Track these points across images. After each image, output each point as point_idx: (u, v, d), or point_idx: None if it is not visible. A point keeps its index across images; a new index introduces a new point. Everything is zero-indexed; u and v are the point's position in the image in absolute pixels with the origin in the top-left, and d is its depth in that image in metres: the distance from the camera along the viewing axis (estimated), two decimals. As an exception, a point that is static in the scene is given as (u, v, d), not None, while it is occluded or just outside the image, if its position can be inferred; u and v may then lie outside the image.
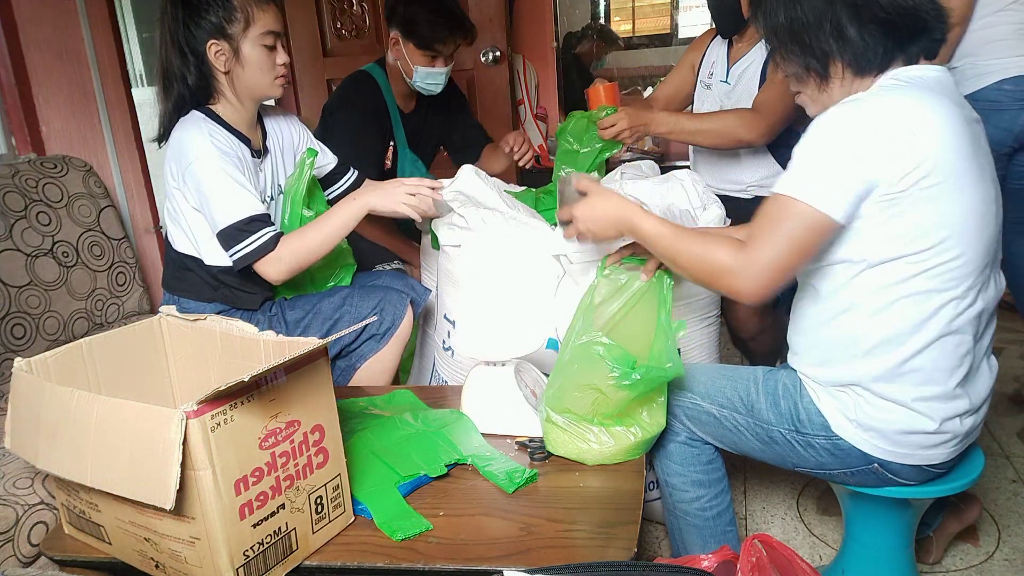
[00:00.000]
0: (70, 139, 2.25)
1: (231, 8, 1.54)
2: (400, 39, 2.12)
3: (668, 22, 8.10)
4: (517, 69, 3.84)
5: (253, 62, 1.58)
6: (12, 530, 1.29)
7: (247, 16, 1.55)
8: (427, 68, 2.13)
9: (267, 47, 1.59)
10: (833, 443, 1.25)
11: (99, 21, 2.27)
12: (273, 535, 1.04)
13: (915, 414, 1.19)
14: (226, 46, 1.56)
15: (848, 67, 1.20)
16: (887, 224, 1.13)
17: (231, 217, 1.53)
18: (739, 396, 1.33)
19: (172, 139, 1.58)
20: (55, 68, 2.19)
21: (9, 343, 1.82)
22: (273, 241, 1.55)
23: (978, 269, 1.17)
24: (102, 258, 2.09)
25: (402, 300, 1.76)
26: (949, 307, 1.16)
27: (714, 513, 1.41)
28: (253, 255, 1.54)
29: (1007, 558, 1.66)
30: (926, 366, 1.18)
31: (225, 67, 1.58)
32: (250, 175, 1.62)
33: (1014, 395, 2.32)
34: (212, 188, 1.53)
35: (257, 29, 1.57)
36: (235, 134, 1.62)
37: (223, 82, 1.60)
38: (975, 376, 1.23)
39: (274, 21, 1.60)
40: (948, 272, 1.14)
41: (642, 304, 1.34)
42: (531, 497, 1.20)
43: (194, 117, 1.58)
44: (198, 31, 1.54)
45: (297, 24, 3.39)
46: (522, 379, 1.44)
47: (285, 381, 1.02)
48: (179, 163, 1.56)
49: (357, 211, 1.61)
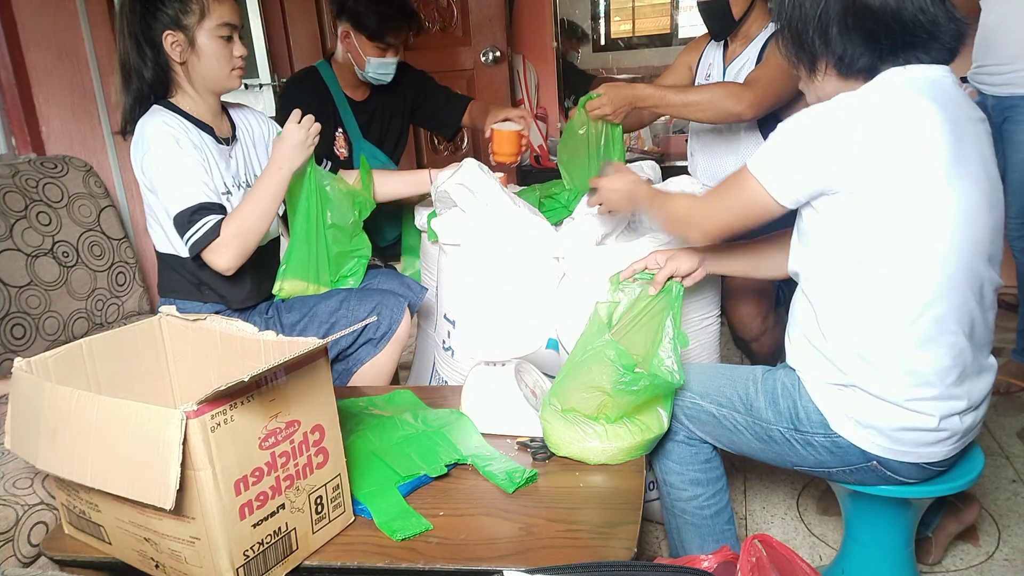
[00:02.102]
0: (70, 139, 2.25)
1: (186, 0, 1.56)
2: (351, 31, 2.16)
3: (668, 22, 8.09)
4: (517, 69, 3.84)
5: (209, 53, 1.60)
6: (12, 530, 1.29)
7: (202, 7, 1.57)
8: (379, 59, 2.17)
9: (223, 38, 1.60)
10: (832, 441, 1.26)
11: (99, 21, 2.27)
12: (273, 535, 1.04)
13: (913, 412, 1.20)
14: (182, 37, 1.57)
15: (832, 68, 1.22)
16: (859, 224, 1.15)
17: (180, 204, 1.54)
18: (738, 395, 1.33)
19: (135, 134, 1.60)
20: (55, 68, 2.19)
21: (9, 343, 1.82)
22: (217, 227, 1.55)
23: (967, 267, 1.17)
24: (102, 258, 2.09)
25: (399, 304, 1.76)
26: (937, 307, 1.16)
27: (712, 512, 1.41)
28: (201, 242, 1.55)
29: (1007, 558, 1.66)
30: (923, 368, 1.18)
31: (181, 58, 1.59)
32: (214, 162, 1.63)
33: (1005, 390, 2.31)
34: (164, 175, 1.55)
35: (213, 20, 1.58)
36: (196, 123, 1.63)
37: (180, 73, 1.62)
38: (973, 374, 1.24)
39: (230, 13, 1.61)
40: (934, 272, 1.15)
41: (651, 314, 1.41)
42: (531, 497, 1.20)
43: (153, 110, 1.60)
44: (155, 23, 1.56)
45: (297, 24, 3.40)
46: (522, 379, 1.44)
47: (285, 381, 1.02)
48: (137, 154, 1.59)
49: (283, 180, 1.62)
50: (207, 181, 1.58)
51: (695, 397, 1.37)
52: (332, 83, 2.28)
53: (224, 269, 1.59)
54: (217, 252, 1.56)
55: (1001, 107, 2.14)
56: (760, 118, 1.98)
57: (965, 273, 1.17)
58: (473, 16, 3.39)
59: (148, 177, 1.58)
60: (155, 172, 1.56)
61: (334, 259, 1.82)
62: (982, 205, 1.18)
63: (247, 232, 1.58)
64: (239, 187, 1.71)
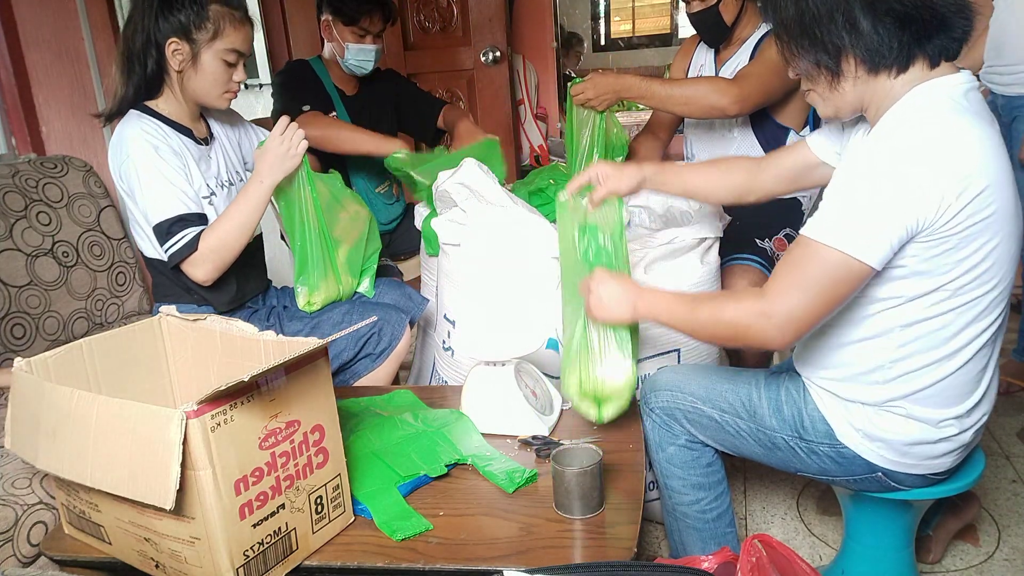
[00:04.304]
0: (70, 139, 2.25)
1: (204, 16, 1.54)
2: (331, 20, 2.29)
3: (668, 22, 8.10)
4: (517, 69, 3.84)
5: (208, 72, 1.59)
6: (12, 530, 1.29)
7: (217, 28, 1.56)
8: (357, 45, 2.28)
9: (227, 63, 1.59)
10: (837, 451, 1.24)
11: (99, 21, 2.27)
12: (273, 535, 1.04)
13: (924, 427, 1.18)
14: (186, 48, 1.56)
15: (862, 63, 1.11)
16: (930, 262, 1.08)
17: (159, 215, 1.54)
18: (740, 401, 1.32)
19: (114, 140, 1.59)
20: (55, 68, 2.19)
21: (9, 343, 1.82)
22: (195, 241, 1.55)
23: (1009, 290, 1.14)
24: (102, 258, 2.09)
25: (401, 321, 1.77)
26: (983, 334, 1.14)
27: (714, 515, 1.40)
28: (180, 254, 1.54)
29: (1007, 558, 1.66)
30: (947, 391, 1.16)
31: (179, 67, 1.58)
32: (194, 165, 1.63)
33: (1005, 390, 2.32)
34: (143, 185, 1.54)
35: (223, 44, 1.57)
36: (174, 127, 1.62)
37: (173, 79, 1.60)
38: (989, 388, 1.22)
39: (243, 41, 1.60)
40: (985, 301, 1.12)
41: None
42: (531, 497, 1.20)
43: (130, 116, 1.59)
44: (164, 25, 1.54)
45: (297, 24, 3.39)
46: (522, 379, 1.43)
47: (285, 381, 1.02)
48: (115, 161, 1.58)
49: (264, 193, 1.60)
50: (186, 190, 1.57)
51: (697, 401, 1.35)
52: (324, 76, 2.37)
53: (202, 281, 1.59)
54: (195, 265, 1.56)
55: (1010, 106, 2.15)
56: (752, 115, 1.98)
57: (1007, 296, 1.15)
58: (473, 16, 3.39)
59: (127, 184, 1.57)
60: (134, 180, 1.54)
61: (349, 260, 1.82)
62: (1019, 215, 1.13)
63: (224, 248, 1.57)
64: (222, 187, 1.70)
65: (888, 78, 1.11)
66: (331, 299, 1.79)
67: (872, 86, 1.13)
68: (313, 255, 1.73)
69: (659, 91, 1.93)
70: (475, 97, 3.42)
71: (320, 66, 2.38)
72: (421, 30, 3.44)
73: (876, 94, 1.13)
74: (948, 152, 1.04)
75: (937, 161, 1.04)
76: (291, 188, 1.68)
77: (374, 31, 2.29)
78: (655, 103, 1.97)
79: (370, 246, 1.87)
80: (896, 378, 1.17)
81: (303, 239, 1.72)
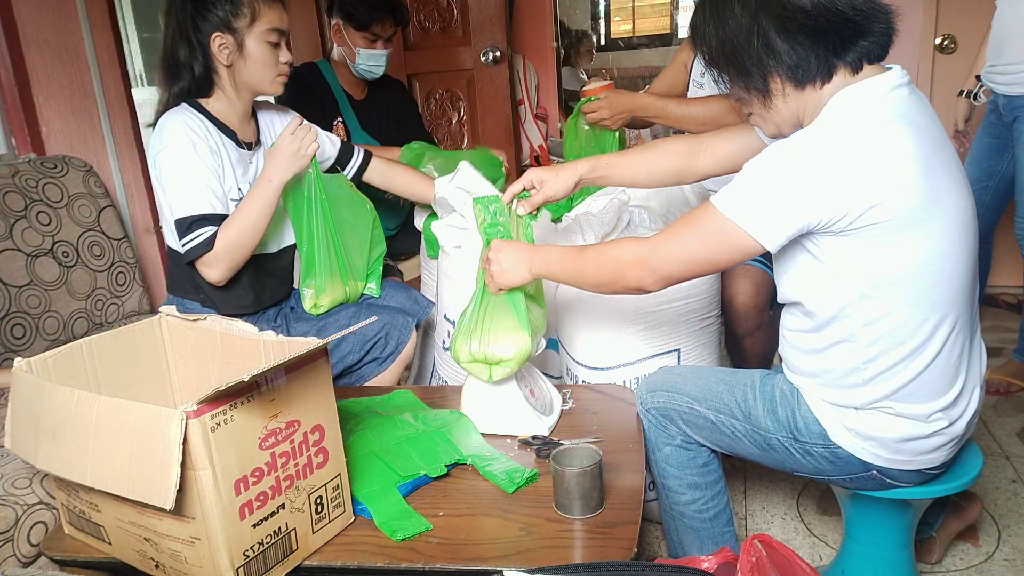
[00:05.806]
0: (70, 139, 2.25)
1: (238, 3, 1.57)
2: (341, 25, 2.29)
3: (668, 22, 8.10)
4: (517, 69, 3.84)
5: (256, 58, 1.60)
6: (12, 530, 1.29)
7: (253, 12, 1.58)
8: (368, 50, 2.29)
9: (271, 44, 1.61)
10: (831, 451, 1.25)
11: (99, 21, 2.27)
12: (273, 535, 1.04)
13: (915, 423, 1.19)
14: (230, 39, 1.58)
15: (787, 80, 1.15)
16: (851, 259, 1.12)
17: (184, 210, 1.55)
18: (736, 402, 1.33)
19: (156, 128, 1.60)
20: (55, 68, 2.19)
21: (9, 343, 1.82)
22: (212, 240, 1.55)
23: (965, 284, 1.16)
24: (102, 258, 2.09)
25: (407, 324, 1.77)
26: (942, 328, 1.15)
27: (711, 515, 1.40)
28: (195, 251, 1.55)
29: (1007, 558, 1.66)
30: (928, 384, 1.18)
31: (228, 60, 1.59)
32: (231, 168, 1.63)
33: (1005, 390, 2.31)
34: (174, 178, 1.55)
35: (262, 25, 1.59)
36: (220, 127, 1.63)
37: (224, 76, 1.62)
38: (970, 377, 1.23)
39: (279, 19, 1.62)
40: (937, 294, 1.13)
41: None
42: (531, 497, 1.20)
43: (180, 108, 1.60)
44: (204, 24, 1.57)
45: (297, 24, 3.39)
46: (522, 379, 1.44)
47: (285, 381, 1.02)
48: (153, 148, 1.59)
49: (273, 193, 1.60)
50: (216, 190, 1.58)
51: (693, 402, 1.36)
52: (332, 79, 2.36)
53: (215, 281, 1.60)
54: (208, 264, 1.57)
55: (1012, 106, 2.15)
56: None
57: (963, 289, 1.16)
58: (473, 16, 3.39)
59: (159, 172, 1.58)
60: (166, 171, 1.56)
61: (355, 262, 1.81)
62: (966, 216, 1.16)
63: (237, 247, 1.58)
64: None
65: (815, 90, 1.15)
66: (338, 301, 1.79)
67: (802, 100, 1.17)
68: (320, 257, 1.73)
69: (675, 111, 1.95)
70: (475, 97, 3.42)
71: (328, 69, 2.38)
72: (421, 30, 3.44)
73: (808, 105, 1.17)
74: (854, 155, 1.08)
75: (843, 163, 1.07)
76: (299, 188, 1.68)
77: (385, 36, 2.29)
78: (671, 122, 1.99)
79: (375, 248, 1.86)
80: (874, 378, 1.18)
81: (310, 240, 1.72)
